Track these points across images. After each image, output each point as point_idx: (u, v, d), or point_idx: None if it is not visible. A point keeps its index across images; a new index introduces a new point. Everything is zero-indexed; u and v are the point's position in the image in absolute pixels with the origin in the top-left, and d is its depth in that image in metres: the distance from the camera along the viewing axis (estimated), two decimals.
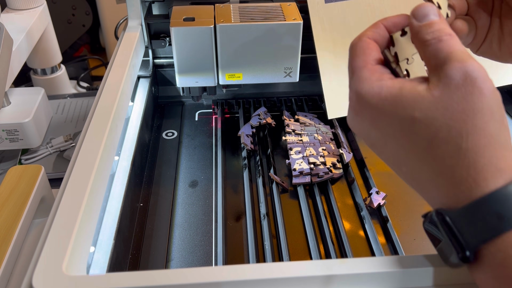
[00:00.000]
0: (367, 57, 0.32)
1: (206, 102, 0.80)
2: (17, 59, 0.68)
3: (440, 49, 0.29)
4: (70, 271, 0.36)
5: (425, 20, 0.31)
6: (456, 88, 0.28)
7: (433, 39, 0.30)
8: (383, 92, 0.30)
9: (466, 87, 0.27)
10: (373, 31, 0.34)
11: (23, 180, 0.53)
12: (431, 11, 0.31)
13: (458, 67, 0.28)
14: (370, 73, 0.31)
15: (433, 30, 0.30)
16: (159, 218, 0.58)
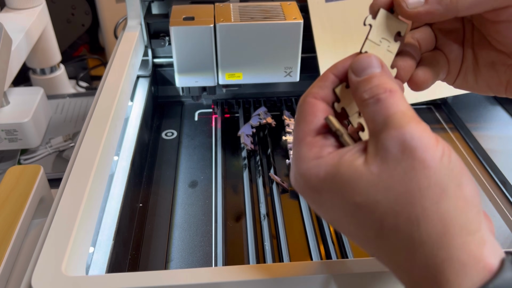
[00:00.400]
0: (308, 126, 0.28)
1: (206, 102, 0.80)
2: (16, 59, 0.68)
3: (377, 111, 0.25)
4: (69, 271, 0.36)
5: (363, 75, 0.27)
6: (395, 163, 0.23)
7: (371, 99, 0.26)
8: (321, 173, 0.26)
9: (406, 161, 0.23)
10: (319, 86, 0.29)
11: (22, 180, 0.53)
12: (371, 63, 0.27)
13: (395, 136, 0.24)
14: (307, 148, 0.27)
15: (371, 86, 0.26)
16: (158, 219, 0.57)
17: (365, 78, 0.27)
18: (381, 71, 0.27)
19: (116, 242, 0.48)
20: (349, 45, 0.68)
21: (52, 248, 0.36)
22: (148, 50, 0.73)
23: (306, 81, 0.75)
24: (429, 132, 0.24)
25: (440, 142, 0.24)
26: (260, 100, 0.79)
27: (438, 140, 0.24)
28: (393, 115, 0.24)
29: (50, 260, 0.35)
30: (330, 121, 0.27)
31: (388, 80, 0.26)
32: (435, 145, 0.23)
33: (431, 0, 0.27)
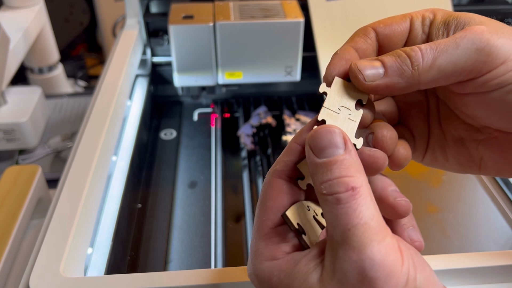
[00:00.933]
0: (266, 215, 0.25)
1: (205, 101, 0.80)
2: (14, 58, 0.68)
3: (336, 216, 0.22)
4: (68, 272, 0.35)
5: (322, 156, 0.23)
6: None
7: (329, 195, 0.22)
8: (274, 280, 0.23)
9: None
10: (284, 162, 0.25)
11: (20, 181, 0.53)
12: (332, 141, 0.23)
13: (353, 261, 0.21)
14: (264, 244, 0.24)
15: (330, 178, 0.22)
16: (157, 219, 0.57)
17: (325, 163, 0.22)
18: (344, 153, 0.23)
19: (114, 243, 0.47)
20: None
21: (50, 249, 0.36)
22: (147, 49, 0.73)
23: (307, 81, 0.75)
24: (393, 252, 0.21)
25: (406, 261, 0.21)
26: (260, 100, 0.79)
27: (403, 262, 0.21)
28: (353, 228, 0.21)
29: (48, 261, 0.35)
30: (289, 219, 0.24)
31: (351, 169, 0.22)
32: (398, 271, 0.21)
33: (391, 73, 0.24)
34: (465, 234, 0.55)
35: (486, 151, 0.28)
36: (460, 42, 0.24)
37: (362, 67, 0.25)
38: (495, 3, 0.75)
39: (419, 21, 0.27)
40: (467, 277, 0.36)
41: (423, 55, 0.24)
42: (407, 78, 0.24)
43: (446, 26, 0.26)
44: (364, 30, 0.27)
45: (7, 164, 0.67)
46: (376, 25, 0.27)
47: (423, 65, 0.24)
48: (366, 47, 0.27)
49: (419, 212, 0.58)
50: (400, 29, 0.27)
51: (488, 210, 0.58)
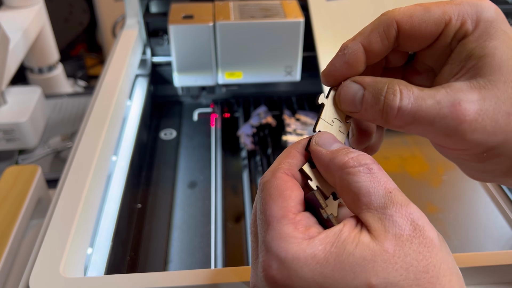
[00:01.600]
0: (287, 202, 0.24)
1: (205, 101, 0.80)
2: (14, 58, 0.68)
3: (374, 183, 0.23)
4: (67, 272, 0.35)
5: (334, 147, 0.25)
6: (409, 241, 0.22)
7: (360, 166, 0.24)
8: (320, 254, 0.22)
9: (418, 239, 0.22)
10: (289, 163, 0.26)
11: (19, 181, 0.53)
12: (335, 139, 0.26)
13: (405, 214, 0.23)
14: (293, 227, 0.23)
15: (353, 156, 0.24)
16: (157, 220, 0.57)
17: (340, 149, 0.25)
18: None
19: (114, 243, 0.47)
20: None
21: (50, 249, 0.36)
22: (147, 48, 0.73)
23: (307, 80, 0.75)
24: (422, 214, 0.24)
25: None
26: (260, 100, 0.79)
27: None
28: (394, 191, 0.23)
29: (48, 261, 0.35)
30: (319, 195, 0.25)
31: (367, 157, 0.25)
32: (432, 226, 0.23)
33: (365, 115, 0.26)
34: (465, 234, 0.55)
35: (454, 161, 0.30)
36: (437, 121, 0.24)
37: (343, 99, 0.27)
38: (495, 3, 0.75)
39: (454, 29, 0.26)
40: (467, 277, 0.36)
41: (398, 111, 0.25)
42: (379, 120, 0.26)
43: (467, 59, 0.25)
44: (386, 25, 0.26)
45: (7, 164, 0.67)
46: (402, 21, 0.26)
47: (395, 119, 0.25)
48: (379, 49, 0.27)
49: None
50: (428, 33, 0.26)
51: (488, 210, 0.58)
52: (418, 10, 0.26)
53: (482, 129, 0.24)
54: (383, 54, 0.27)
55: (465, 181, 0.62)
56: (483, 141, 0.25)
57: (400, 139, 0.69)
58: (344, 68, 0.27)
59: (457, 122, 0.24)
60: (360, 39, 0.27)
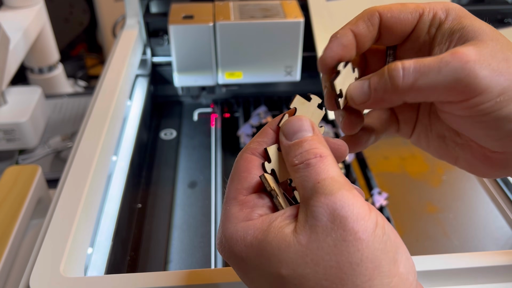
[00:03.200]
0: (241, 184, 0.26)
1: (205, 101, 0.80)
2: (14, 58, 0.68)
3: (307, 177, 0.24)
4: (68, 272, 0.35)
5: (294, 138, 0.26)
6: (324, 233, 0.22)
7: (301, 164, 0.24)
8: (248, 238, 0.24)
9: (336, 231, 0.22)
10: (258, 142, 0.27)
11: (20, 181, 0.53)
12: (302, 126, 0.26)
13: (324, 204, 0.22)
14: (238, 208, 0.25)
15: (301, 151, 0.25)
16: (157, 219, 0.57)
17: (296, 142, 0.25)
18: (312, 135, 0.26)
19: (114, 243, 0.47)
20: None
21: (50, 248, 0.36)
22: (147, 49, 0.73)
23: (307, 80, 0.75)
24: (361, 200, 0.22)
25: (373, 211, 0.22)
26: (260, 99, 0.79)
27: (371, 210, 0.22)
28: (323, 181, 0.23)
29: (48, 261, 0.35)
30: (266, 180, 0.26)
31: (319, 144, 0.25)
32: (367, 215, 0.22)
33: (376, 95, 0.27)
34: (465, 234, 0.55)
35: (462, 153, 0.30)
36: (442, 68, 0.25)
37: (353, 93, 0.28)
38: (495, 3, 0.75)
39: (428, 18, 0.28)
40: (467, 277, 0.36)
41: (404, 75, 0.25)
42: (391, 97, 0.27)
43: (450, 36, 0.27)
44: (369, 14, 0.29)
45: (7, 164, 0.67)
46: (383, 11, 0.28)
47: (403, 85, 0.26)
48: (366, 34, 0.29)
49: (419, 212, 0.58)
50: (406, 22, 0.28)
51: (488, 210, 0.58)
52: (396, 5, 0.29)
53: (488, 67, 0.24)
54: (370, 40, 0.29)
55: (465, 181, 0.62)
56: (493, 81, 0.24)
57: (400, 139, 0.69)
58: (340, 50, 0.29)
59: (462, 62, 0.24)
60: (348, 26, 0.29)
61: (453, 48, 0.26)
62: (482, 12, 0.74)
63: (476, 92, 0.25)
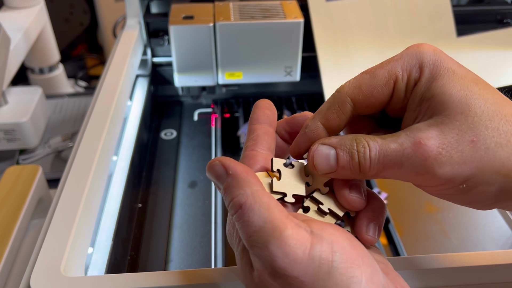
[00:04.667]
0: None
1: (205, 101, 0.80)
2: (15, 58, 0.68)
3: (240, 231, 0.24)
4: (68, 272, 0.35)
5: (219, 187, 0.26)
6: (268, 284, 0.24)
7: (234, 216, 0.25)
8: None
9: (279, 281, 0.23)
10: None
11: (20, 180, 0.53)
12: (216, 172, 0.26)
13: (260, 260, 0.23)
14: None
15: (228, 203, 0.25)
16: (158, 219, 0.57)
17: (222, 191, 0.26)
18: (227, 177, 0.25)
19: (115, 242, 0.47)
20: (349, 44, 0.68)
21: (51, 248, 0.36)
22: (147, 49, 0.73)
23: (307, 80, 0.75)
24: (297, 241, 0.22)
25: (316, 245, 0.22)
26: None
27: (312, 245, 0.22)
28: (253, 236, 0.23)
29: (49, 260, 0.35)
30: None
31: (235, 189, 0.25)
32: (306, 255, 0.22)
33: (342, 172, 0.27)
34: (464, 233, 0.55)
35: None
36: (404, 163, 0.25)
37: (318, 162, 0.27)
38: (495, 3, 0.75)
39: (403, 84, 0.27)
40: (467, 276, 0.36)
41: (371, 163, 0.26)
42: (358, 177, 0.27)
43: (420, 104, 0.26)
44: (340, 103, 0.27)
45: (8, 164, 0.67)
46: (354, 96, 0.27)
47: (369, 172, 0.26)
48: (338, 124, 0.28)
49: (418, 212, 0.58)
50: (381, 97, 0.27)
51: (487, 210, 0.58)
52: (365, 78, 0.27)
53: (449, 161, 0.24)
54: (342, 126, 0.28)
55: None
56: (456, 173, 0.24)
57: None
58: (308, 145, 0.28)
59: (422, 159, 0.24)
60: (318, 117, 0.28)
61: (421, 121, 0.26)
62: (482, 12, 0.74)
63: (438, 183, 0.25)
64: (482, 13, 0.73)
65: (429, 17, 0.70)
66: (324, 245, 0.22)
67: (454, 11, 0.71)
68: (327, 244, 0.23)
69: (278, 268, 0.22)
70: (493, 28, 0.73)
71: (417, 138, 0.25)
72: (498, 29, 0.73)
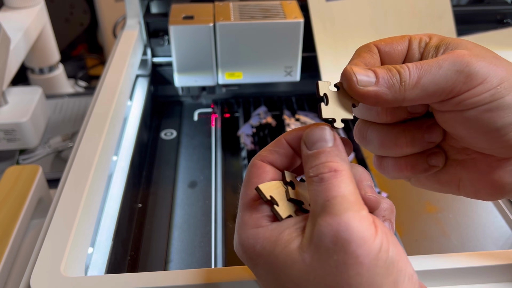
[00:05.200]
0: (250, 190, 0.27)
1: (205, 101, 0.80)
2: (15, 58, 0.68)
3: (318, 192, 0.24)
4: (68, 272, 0.35)
5: (313, 148, 0.26)
6: (327, 254, 0.22)
7: (315, 177, 0.24)
8: (258, 246, 0.25)
9: (338, 254, 0.22)
10: (269, 150, 0.28)
11: (20, 180, 0.53)
12: (323, 136, 0.26)
13: (329, 224, 0.22)
14: (249, 214, 0.26)
15: (317, 164, 0.25)
16: (158, 219, 0.57)
17: (314, 153, 0.25)
18: (332, 145, 0.25)
19: (115, 242, 0.47)
20: (349, 44, 0.68)
21: (50, 248, 0.36)
22: (147, 49, 0.73)
23: (307, 81, 0.75)
24: (367, 223, 0.23)
25: (380, 234, 0.23)
26: (260, 100, 0.79)
27: (377, 231, 0.23)
28: (332, 199, 0.23)
29: (49, 260, 0.35)
30: (260, 191, 0.26)
31: (336, 157, 0.25)
32: (372, 238, 0.22)
33: (382, 83, 0.26)
34: (464, 233, 0.55)
35: (465, 173, 0.30)
36: (442, 64, 0.26)
37: (357, 72, 0.26)
38: (495, 3, 0.75)
39: (416, 42, 0.29)
40: (467, 276, 0.36)
41: (410, 73, 0.26)
42: (394, 92, 0.26)
43: (436, 49, 0.28)
44: (367, 47, 0.29)
45: (8, 164, 0.67)
46: (378, 43, 0.29)
47: (409, 82, 0.26)
48: (373, 62, 0.28)
49: (419, 212, 0.58)
50: (399, 47, 0.29)
51: (487, 210, 0.58)
52: (385, 38, 0.29)
53: (483, 60, 0.25)
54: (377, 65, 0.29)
55: None
56: (491, 70, 0.25)
57: None
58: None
59: (459, 56, 0.25)
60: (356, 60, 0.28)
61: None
62: (482, 12, 0.74)
63: (477, 80, 0.25)
64: (482, 13, 0.73)
65: (429, 17, 0.70)
66: (384, 236, 0.23)
67: (454, 11, 0.71)
68: (385, 235, 0.23)
69: (345, 240, 0.22)
70: (493, 28, 0.73)
71: (447, 52, 0.26)
72: (498, 29, 0.73)
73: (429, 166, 0.30)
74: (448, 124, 0.28)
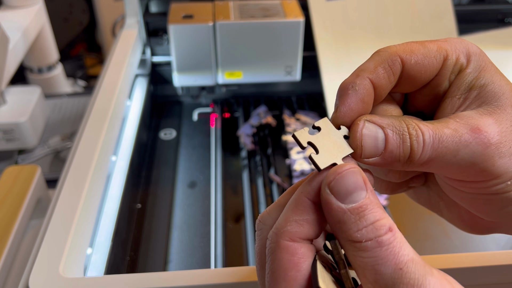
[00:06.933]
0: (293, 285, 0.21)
1: (205, 101, 0.80)
2: (14, 58, 0.68)
3: (381, 259, 0.20)
4: (67, 272, 0.35)
5: (349, 202, 0.21)
6: None
7: (369, 241, 0.20)
8: None
9: None
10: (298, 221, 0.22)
11: (19, 181, 0.53)
12: (357, 182, 0.21)
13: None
14: None
15: (366, 224, 0.20)
16: (157, 220, 0.57)
17: (354, 209, 0.21)
18: (367, 193, 0.21)
19: (114, 243, 0.47)
20: (350, 43, 0.68)
21: (49, 249, 0.36)
22: (147, 48, 0.73)
23: (307, 80, 0.75)
24: (446, 283, 0.20)
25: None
26: (260, 99, 0.78)
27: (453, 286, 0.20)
28: (405, 267, 0.20)
29: (48, 261, 0.35)
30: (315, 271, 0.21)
31: (381, 210, 0.21)
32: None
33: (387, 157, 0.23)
34: (465, 234, 0.55)
35: (446, 212, 0.29)
36: (461, 151, 0.22)
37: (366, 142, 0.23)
38: (495, 3, 0.75)
39: (452, 63, 0.25)
40: (468, 277, 0.35)
41: (423, 151, 0.23)
42: (402, 165, 0.23)
43: (468, 91, 0.24)
44: (390, 60, 0.24)
45: (7, 164, 0.67)
46: (406, 56, 0.24)
47: (419, 159, 0.23)
48: (386, 85, 0.25)
49: (420, 212, 0.58)
50: (430, 68, 0.25)
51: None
52: (416, 45, 0.25)
53: (508, 150, 0.23)
54: (386, 91, 0.25)
55: None
56: (511, 164, 0.23)
57: None
58: (360, 107, 0.24)
59: (483, 147, 0.22)
60: (366, 74, 0.24)
61: (467, 109, 0.24)
62: (483, 11, 0.73)
63: (491, 177, 0.23)
64: (483, 13, 0.73)
65: (430, 17, 0.70)
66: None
67: (456, 10, 0.70)
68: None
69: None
70: (495, 28, 0.73)
71: (473, 124, 0.23)
72: (499, 28, 0.73)
73: (408, 187, 0.29)
74: (446, 190, 0.26)
